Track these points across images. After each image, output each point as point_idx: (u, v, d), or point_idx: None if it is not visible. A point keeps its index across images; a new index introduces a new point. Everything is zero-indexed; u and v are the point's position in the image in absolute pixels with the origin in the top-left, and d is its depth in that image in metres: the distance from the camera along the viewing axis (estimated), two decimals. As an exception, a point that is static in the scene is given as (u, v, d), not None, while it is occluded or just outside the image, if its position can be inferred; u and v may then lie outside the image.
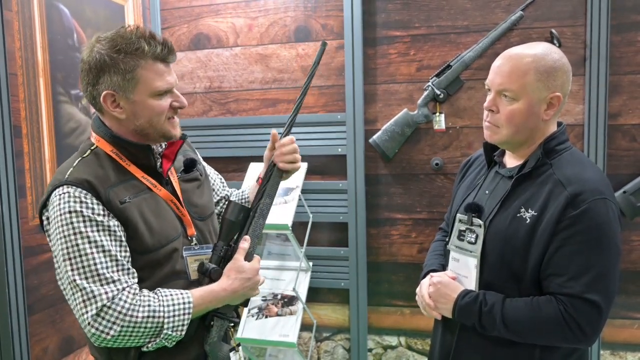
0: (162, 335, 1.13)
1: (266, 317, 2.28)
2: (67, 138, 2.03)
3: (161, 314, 1.13)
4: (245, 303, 1.34)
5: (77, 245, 1.11)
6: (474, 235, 1.32)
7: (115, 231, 1.14)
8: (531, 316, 1.20)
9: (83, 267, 1.10)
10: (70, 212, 1.12)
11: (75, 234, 1.11)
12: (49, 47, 1.95)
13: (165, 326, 1.13)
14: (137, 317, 1.11)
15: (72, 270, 1.10)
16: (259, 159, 2.51)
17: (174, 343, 1.17)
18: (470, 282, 1.32)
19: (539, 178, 1.26)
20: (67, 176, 1.16)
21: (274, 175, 1.37)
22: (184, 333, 1.16)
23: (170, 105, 1.23)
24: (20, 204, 1.78)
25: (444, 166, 2.37)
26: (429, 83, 2.30)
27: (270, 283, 2.36)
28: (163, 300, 1.15)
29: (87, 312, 1.09)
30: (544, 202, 1.22)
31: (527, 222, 1.23)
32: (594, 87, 2.15)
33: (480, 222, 1.31)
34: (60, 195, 1.14)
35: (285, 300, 2.31)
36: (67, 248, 1.11)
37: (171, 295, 1.17)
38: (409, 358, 2.50)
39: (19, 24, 1.83)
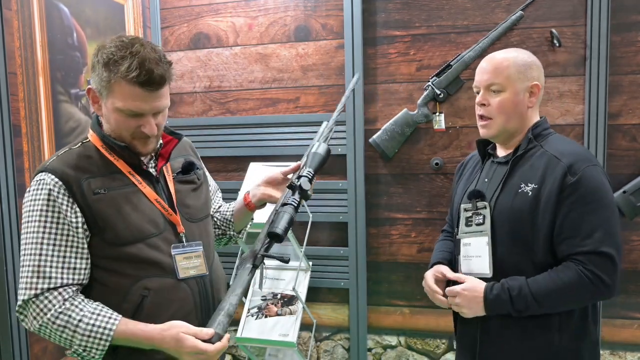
0: (73, 349, 1.16)
1: (266, 316, 2.28)
2: (67, 137, 2.03)
3: (75, 331, 1.14)
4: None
5: (32, 232, 1.18)
6: (480, 217, 1.44)
7: (76, 227, 1.19)
8: (557, 285, 1.31)
9: (31, 254, 1.16)
10: (37, 199, 1.19)
11: (34, 221, 1.17)
12: (49, 46, 1.95)
13: (76, 346, 1.15)
14: (54, 322, 1.15)
15: (23, 254, 1.18)
16: (258, 158, 2.51)
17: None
18: (484, 261, 1.40)
19: (533, 157, 1.41)
20: (48, 164, 1.22)
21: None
22: (96, 358, 1.16)
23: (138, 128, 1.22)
24: (19, 203, 1.78)
25: (444, 166, 2.37)
26: (429, 83, 2.30)
27: (270, 283, 2.36)
28: (86, 316, 1.15)
29: (19, 298, 1.16)
30: (542, 175, 1.35)
31: (529, 194, 1.35)
32: (594, 87, 2.15)
33: (485, 203, 1.43)
34: (37, 181, 1.21)
35: (285, 299, 2.30)
36: (26, 232, 1.19)
37: (98, 314, 1.16)
38: (409, 358, 2.50)
39: (19, 22, 1.82)
